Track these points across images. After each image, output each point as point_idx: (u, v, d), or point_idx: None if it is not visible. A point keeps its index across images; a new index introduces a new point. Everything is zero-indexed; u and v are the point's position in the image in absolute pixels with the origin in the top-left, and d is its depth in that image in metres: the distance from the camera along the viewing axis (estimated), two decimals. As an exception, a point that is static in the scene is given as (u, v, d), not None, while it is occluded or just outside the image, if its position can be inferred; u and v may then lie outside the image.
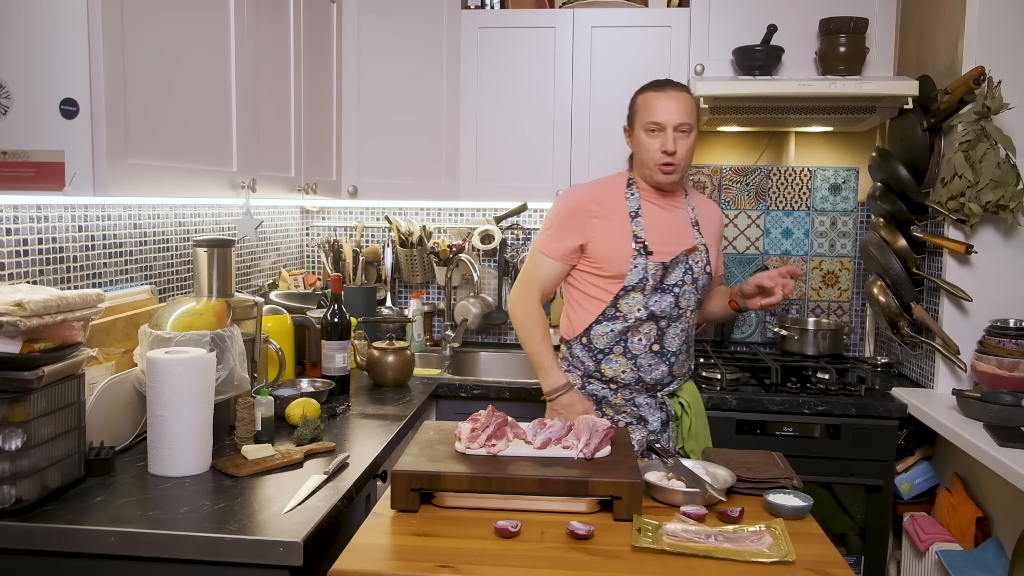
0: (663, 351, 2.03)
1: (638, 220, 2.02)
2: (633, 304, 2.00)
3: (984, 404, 2.18)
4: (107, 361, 1.84)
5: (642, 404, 2.05)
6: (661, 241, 2.02)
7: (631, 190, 2.06)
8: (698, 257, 2.05)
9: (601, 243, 2.01)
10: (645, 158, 2.01)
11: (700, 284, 2.06)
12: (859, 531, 2.55)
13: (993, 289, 2.42)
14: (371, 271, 3.25)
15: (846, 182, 3.16)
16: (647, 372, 2.03)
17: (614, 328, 2.01)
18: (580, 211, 2.03)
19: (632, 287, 1.99)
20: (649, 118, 1.98)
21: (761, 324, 3.23)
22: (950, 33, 2.48)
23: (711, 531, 1.36)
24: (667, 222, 2.06)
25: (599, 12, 2.84)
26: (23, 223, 1.75)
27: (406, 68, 2.90)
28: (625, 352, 2.02)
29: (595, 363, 2.06)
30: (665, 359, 2.03)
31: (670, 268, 2.01)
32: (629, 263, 1.98)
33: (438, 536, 1.36)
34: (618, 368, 2.04)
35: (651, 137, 1.99)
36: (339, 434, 1.96)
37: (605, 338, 2.03)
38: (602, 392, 2.07)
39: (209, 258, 1.93)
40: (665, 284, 2.00)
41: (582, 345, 2.07)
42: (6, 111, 1.47)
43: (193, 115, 1.83)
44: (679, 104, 1.98)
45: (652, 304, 2.00)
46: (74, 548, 1.36)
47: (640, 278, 1.98)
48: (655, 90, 2.01)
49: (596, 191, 2.08)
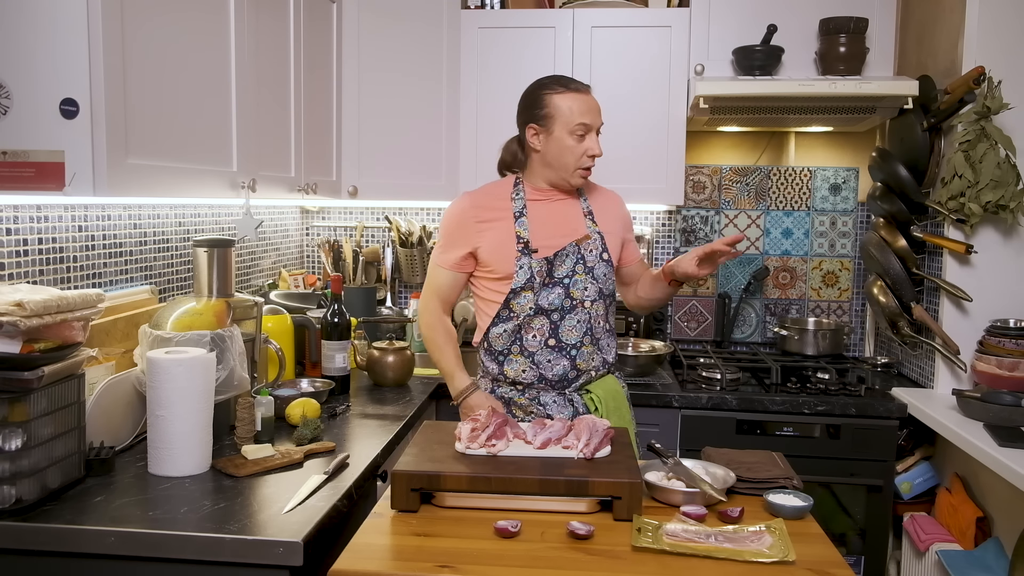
0: (560, 345, 2.00)
1: (522, 220, 2.01)
2: (524, 303, 1.99)
3: (984, 404, 2.18)
4: (107, 361, 1.84)
5: (548, 402, 2.03)
6: (546, 236, 2.01)
7: (517, 191, 2.06)
8: (591, 246, 2.03)
9: (488, 248, 2.01)
10: (567, 161, 1.98)
11: (599, 273, 2.03)
12: (859, 531, 2.55)
13: (993, 289, 2.42)
14: (371, 271, 3.25)
15: (846, 182, 3.16)
16: (547, 369, 2.01)
17: (507, 328, 2.01)
18: (465, 220, 2.03)
19: (521, 287, 1.98)
20: (577, 120, 1.95)
21: (761, 324, 3.23)
22: (950, 33, 2.48)
23: (711, 531, 1.36)
24: (555, 216, 2.04)
25: (599, 12, 2.84)
26: (23, 223, 1.75)
27: (406, 68, 2.90)
28: (522, 351, 2.01)
29: (498, 366, 2.05)
30: (564, 353, 2.01)
31: (556, 261, 2.00)
32: (515, 264, 1.98)
33: (438, 536, 1.36)
34: (518, 368, 2.02)
35: (577, 140, 1.97)
36: (339, 434, 1.96)
37: (501, 339, 2.03)
38: (510, 394, 2.06)
39: (209, 258, 1.93)
40: (555, 278, 2.00)
41: (485, 349, 2.08)
42: (6, 111, 1.47)
43: (193, 115, 1.83)
44: (598, 105, 2.00)
45: (540, 298, 1.99)
46: (74, 548, 1.36)
47: (528, 278, 1.98)
48: (574, 91, 1.98)
49: (480, 197, 2.07)
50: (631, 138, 2.85)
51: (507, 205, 2.04)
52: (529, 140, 2.03)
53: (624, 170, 2.85)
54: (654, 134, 2.85)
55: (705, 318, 3.26)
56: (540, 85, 2.02)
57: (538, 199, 2.05)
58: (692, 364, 2.80)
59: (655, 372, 2.73)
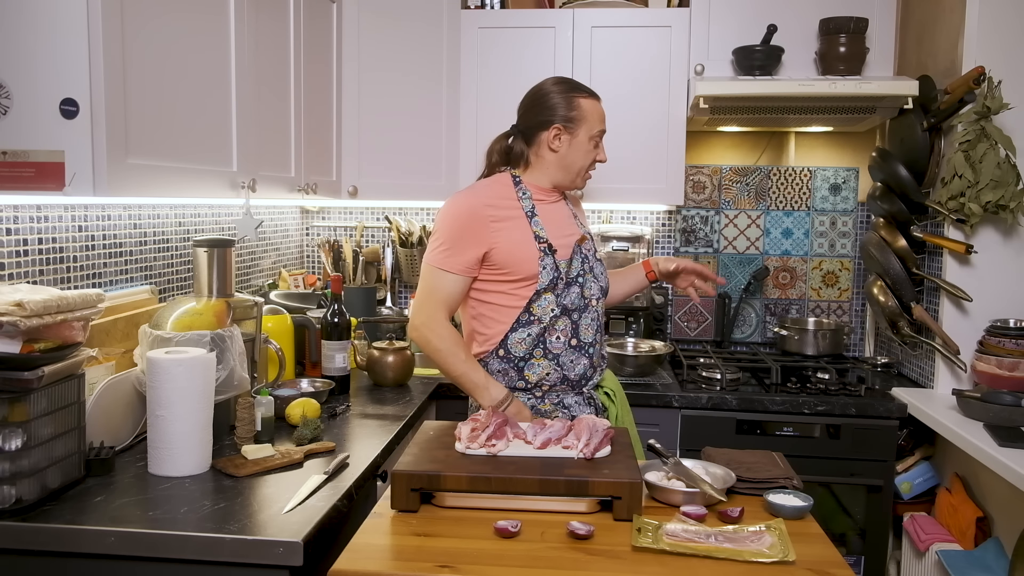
0: (580, 344, 2.00)
1: (536, 219, 1.97)
2: (546, 305, 1.95)
3: (984, 404, 2.18)
4: (107, 361, 1.84)
5: (572, 404, 2.01)
6: (558, 236, 2.00)
7: (520, 190, 2.00)
8: (589, 246, 2.05)
9: (504, 248, 1.91)
10: (581, 164, 2.00)
11: (598, 271, 2.05)
12: (859, 531, 2.55)
13: (993, 289, 2.42)
14: (371, 271, 3.25)
15: (846, 182, 3.16)
16: (570, 369, 2.00)
17: (531, 332, 1.96)
18: (477, 217, 1.91)
19: (545, 288, 1.94)
20: (598, 127, 2.00)
21: (761, 324, 3.23)
22: (950, 33, 2.48)
23: (711, 531, 1.36)
24: (557, 218, 2.03)
25: (599, 12, 2.84)
26: (23, 223, 1.75)
27: (406, 68, 2.90)
28: (546, 354, 1.98)
29: (517, 372, 1.99)
30: (584, 351, 2.01)
31: (571, 262, 2.00)
32: (538, 264, 1.93)
33: (438, 536, 1.36)
34: (542, 371, 1.99)
35: (594, 146, 2.01)
36: (339, 434, 1.96)
37: (523, 344, 1.97)
38: (529, 402, 2.00)
39: (209, 258, 1.93)
40: (570, 277, 1.99)
41: (499, 357, 1.99)
42: (6, 111, 1.47)
43: (193, 115, 1.83)
44: None
45: (564, 300, 1.97)
46: (74, 548, 1.36)
47: (552, 278, 1.94)
48: (595, 98, 2.02)
49: (486, 195, 1.96)
50: (631, 138, 2.85)
51: (516, 204, 1.97)
52: (549, 141, 1.98)
53: (624, 170, 2.85)
54: (654, 134, 2.85)
55: (705, 318, 3.26)
56: (571, 87, 2.00)
57: (542, 199, 2.03)
58: (692, 364, 2.80)
59: (655, 372, 2.73)
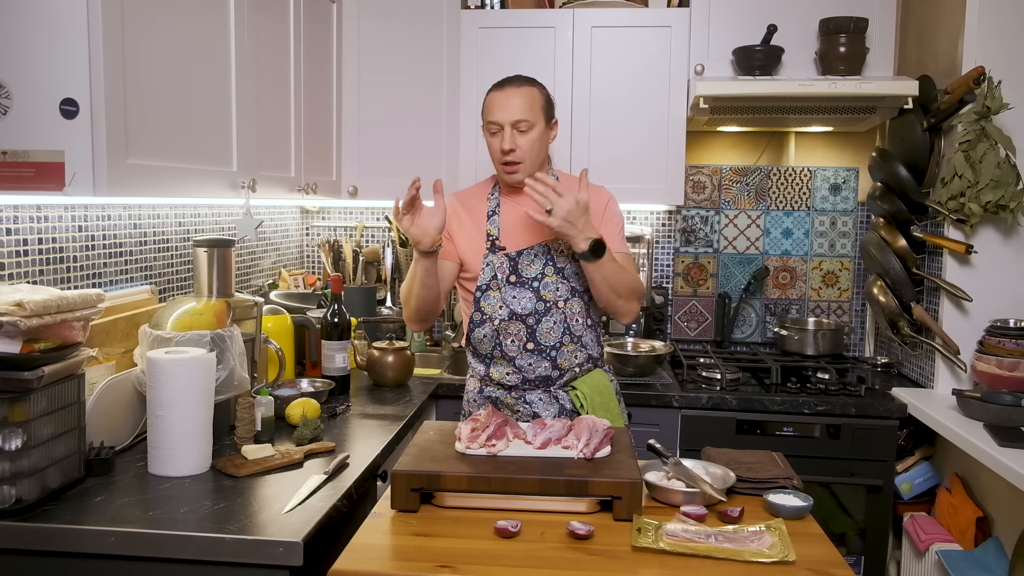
0: (539, 348, 2.00)
1: (493, 219, 2.04)
2: (494, 303, 1.99)
3: (984, 404, 2.18)
4: (107, 361, 1.84)
5: (534, 400, 2.03)
6: (515, 235, 2.02)
7: (493, 191, 2.09)
8: (562, 245, 2.01)
9: (460, 243, 2.04)
10: (494, 156, 2.02)
11: (569, 272, 2.02)
12: (859, 531, 2.55)
13: (993, 289, 2.42)
14: (371, 271, 3.25)
15: (846, 182, 3.16)
16: (529, 371, 2.01)
17: (486, 332, 2.02)
18: (449, 213, 2.03)
19: (487, 285, 1.99)
20: (488, 118, 1.99)
21: (761, 324, 3.23)
22: (950, 33, 2.48)
23: (711, 531, 1.36)
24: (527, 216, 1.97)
25: (599, 12, 2.84)
26: (23, 223, 1.74)
27: (406, 68, 2.90)
28: (503, 355, 2.02)
29: (484, 367, 2.06)
30: (544, 355, 2.01)
31: (523, 260, 1.99)
32: (482, 261, 2.01)
33: (438, 536, 1.36)
34: (502, 371, 2.03)
35: (492, 138, 1.99)
36: (339, 434, 1.96)
37: (484, 343, 2.03)
38: (496, 394, 2.06)
39: (209, 258, 1.93)
40: (522, 278, 1.99)
41: (471, 352, 2.09)
42: (6, 111, 1.47)
43: (193, 115, 1.83)
44: (518, 100, 1.96)
45: (511, 302, 1.98)
46: (74, 548, 1.36)
47: (492, 276, 1.99)
48: (495, 89, 2.01)
49: (464, 194, 2.13)
50: (631, 138, 2.85)
51: (482, 205, 2.08)
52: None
53: (624, 170, 2.85)
54: (654, 134, 2.85)
55: (705, 318, 3.26)
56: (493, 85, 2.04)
57: (513, 199, 2.05)
58: (692, 364, 2.79)
59: (655, 372, 2.73)
